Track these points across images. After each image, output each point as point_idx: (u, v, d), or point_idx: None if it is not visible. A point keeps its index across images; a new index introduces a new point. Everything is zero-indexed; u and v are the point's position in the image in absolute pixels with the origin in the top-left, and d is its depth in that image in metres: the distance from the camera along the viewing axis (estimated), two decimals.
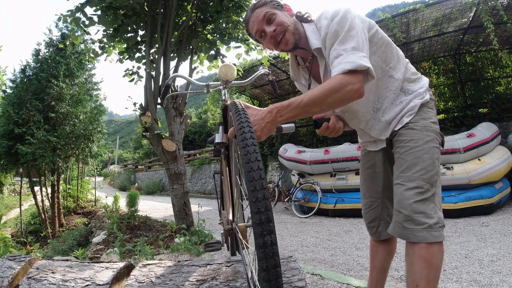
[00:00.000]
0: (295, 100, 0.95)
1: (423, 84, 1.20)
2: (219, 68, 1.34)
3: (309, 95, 0.95)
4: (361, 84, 0.96)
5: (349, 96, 0.96)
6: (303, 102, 0.94)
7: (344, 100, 0.97)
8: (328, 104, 0.96)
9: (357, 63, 0.95)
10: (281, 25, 1.12)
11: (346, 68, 0.95)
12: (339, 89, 0.94)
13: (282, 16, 1.14)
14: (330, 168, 5.51)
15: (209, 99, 9.28)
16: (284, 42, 1.14)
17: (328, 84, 0.95)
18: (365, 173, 1.39)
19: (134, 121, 67.14)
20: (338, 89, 0.94)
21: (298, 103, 0.95)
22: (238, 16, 4.23)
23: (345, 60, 0.96)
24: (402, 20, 5.45)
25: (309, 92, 0.96)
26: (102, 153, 7.74)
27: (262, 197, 0.64)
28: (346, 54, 0.97)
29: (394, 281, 2.09)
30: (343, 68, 0.96)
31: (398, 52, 1.20)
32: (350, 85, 0.94)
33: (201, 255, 3.05)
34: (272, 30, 1.13)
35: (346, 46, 0.99)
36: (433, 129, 1.12)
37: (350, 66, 0.95)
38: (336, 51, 1.01)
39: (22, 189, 8.37)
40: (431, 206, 1.01)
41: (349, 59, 0.96)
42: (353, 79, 0.95)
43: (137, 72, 4.72)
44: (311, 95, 0.95)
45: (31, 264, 1.50)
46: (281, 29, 1.12)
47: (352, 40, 0.99)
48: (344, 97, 0.96)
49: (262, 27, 1.15)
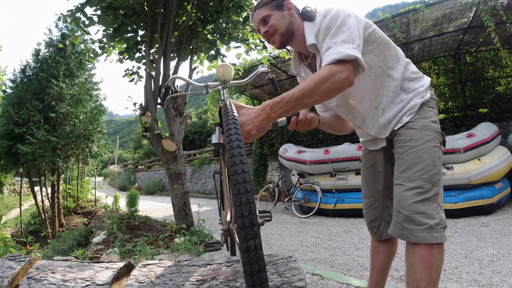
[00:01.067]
0: (287, 95, 0.97)
1: (424, 83, 1.20)
2: (217, 68, 1.34)
3: (299, 87, 0.97)
4: (349, 72, 0.98)
5: (339, 84, 0.97)
6: (294, 95, 0.96)
7: (334, 88, 0.98)
8: (319, 95, 0.97)
9: (344, 53, 0.97)
10: (272, 27, 1.20)
11: (334, 58, 0.97)
12: (328, 78, 0.96)
13: (276, 17, 1.19)
14: (330, 168, 5.51)
15: (209, 99, 9.28)
16: (273, 41, 1.23)
17: (316, 74, 0.97)
18: (366, 172, 1.39)
19: (134, 121, 67.17)
20: (327, 79, 0.96)
21: (290, 97, 0.96)
22: (238, 16, 4.23)
23: (334, 51, 0.99)
24: (402, 20, 5.45)
25: (300, 85, 0.98)
26: (102, 153, 7.73)
27: (246, 200, 0.63)
28: (336, 46, 1.00)
29: (394, 281, 2.09)
30: (331, 58, 0.98)
31: (398, 52, 1.20)
32: (339, 74, 0.96)
33: (201, 255, 3.05)
34: (264, 31, 1.23)
35: (336, 39, 1.02)
36: (433, 128, 1.12)
37: (339, 56, 0.97)
38: (327, 44, 1.04)
39: (22, 189, 8.38)
40: (433, 206, 1.01)
41: (338, 50, 0.98)
42: (341, 67, 0.97)
43: (137, 72, 4.72)
44: (301, 88, 0.96)
45: (31, 264, 1.50)
46: (272, 30, 1.21)
47: (342, 34, 1.02)
48: (334, 86, 0.97)
49: (259, 26, 1.25)
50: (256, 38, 4.53)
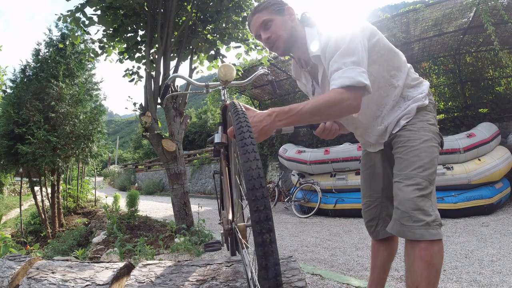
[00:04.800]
0: (296, 107, 0.97)
1: (423, 90, 1.20)
2: (218, 68, 1.34)
3: (309, 104, 0.97)
4: (359, 101, 1.00)
5: (347, 110, 1.00)
6: (303, 110, 0.96)
7: (342, 113, 1.02)
8: (326, 115, 1.01)
9: (356, 79, 0.97)
10: (275, 33, 1.16)
11: (345, 84, 0.98)
12: (339, 103, 0.98)
13: (278, 23, 1.16)
14: (330, 168, 5.51)
15: (209, 99, 9.29)
16: (276, 48, 1.20)
17: (328, 96, 0.98)
18: (365, 173, 1.40)
19: (134, 121, 67.11)
20: (338, 103, 0.98)
21: (298, 110, 0.96)
22: (238, 16, 4.23)
23: (345, 75, 0.99)
24: (402, 20, 5.45)
25: (310, 101, 0.99)
26: (102, 153, 7.73)
27: (261, 195, 0.64)
28: (346, 69, 0.99)
29: (394, 281, 2.09)
30: (342, 83, 0.98)
31: (401, 59, 1.20)
32: (349, 101, 0.98)
33: (201, 255, 3.05)
34: (266, 37, 1.17)
35: (346, 60, 1.01)
36: (430, 129, 1.13)
37: (350, 82, 0.97)
38: (337, 64, 1.02)
39: (22, 189, 8.37)
40: (429, 204, 1.02)
41: (349, 74, 0.98)
42: (352, 95, 0.98)
43: (137, 72, 4.72)
44: (312, 105, 0.97)
45: (31, 264, 1.50)
46: (274, 37, 1.17)
47: (352, 53, 1.01)
48: (342, 111, 1.00)
49: (259, 32, 1.20)
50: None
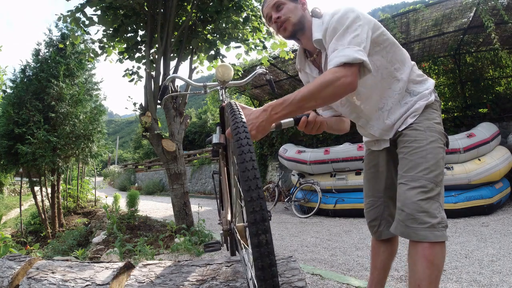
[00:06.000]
0: (289, 97, 0.96)
1: (429, 86, 1.21)
2: (216, 68, 1.34)
3: (302, 90, 0.96)
4: (354, 77, 0.97)
5: (342, 89, 0.97)
6: (296, 98, 0.95)
7: (337, 93, 0.98)
8: (322, 98, 0.97)
9: (351, 56, 0.96)
10: (285, 15, 1.19)
11: (341, 61, 0.96)
12: (332, 82, 0.95)
13: (290, 7, 1.19)
14: (330, 168, 5.51)
15: (209, 99, 9.28)
16: (283, 29, 1.21)
17: (321, 78, 0.97)
18: (368, 172, 1.40)
19: (134, 121, 67.10)
20: (331, 83, 0.95)
21: (292, 99, 0.95)
22: (238, 16, 4.22)
23: (340, 54, 0.98)
24: (402, 20, 5.45)
25: (303, 88, 0.98)
26: (102, 153, 7.74)
27: (257, 196, 0.64)
28: (342, 48, 0.99)
29: (394, 281, 2.09)
30: (338, 61, 0.97)
31: (404, 54, 1.21)
32: (343, 78, 0.95)
33: (201, 255, 3.05)
34: (276, 16, 1.20)
35: (342, 41, 1.01)
36: (436, 129, 1.13)
37: (345, 59, 0.96)
38: (334, 45, 1.03)
39: (22, 189, 8.37)
40: (436, 206, 1.02)
41: (344, 53, 0.97)
42: (347, 71, 0.96)
43: (137, 72, 4.72)
44: (305, 91, 0.96)
45: (31, 264, 1.50)
46: (284, 18, 1.19)
47: (349, 36, 1.01)
48: (337, 91, 0.97)
49: (271, 12, 1.23)
50: (256, 38, 4.53)
